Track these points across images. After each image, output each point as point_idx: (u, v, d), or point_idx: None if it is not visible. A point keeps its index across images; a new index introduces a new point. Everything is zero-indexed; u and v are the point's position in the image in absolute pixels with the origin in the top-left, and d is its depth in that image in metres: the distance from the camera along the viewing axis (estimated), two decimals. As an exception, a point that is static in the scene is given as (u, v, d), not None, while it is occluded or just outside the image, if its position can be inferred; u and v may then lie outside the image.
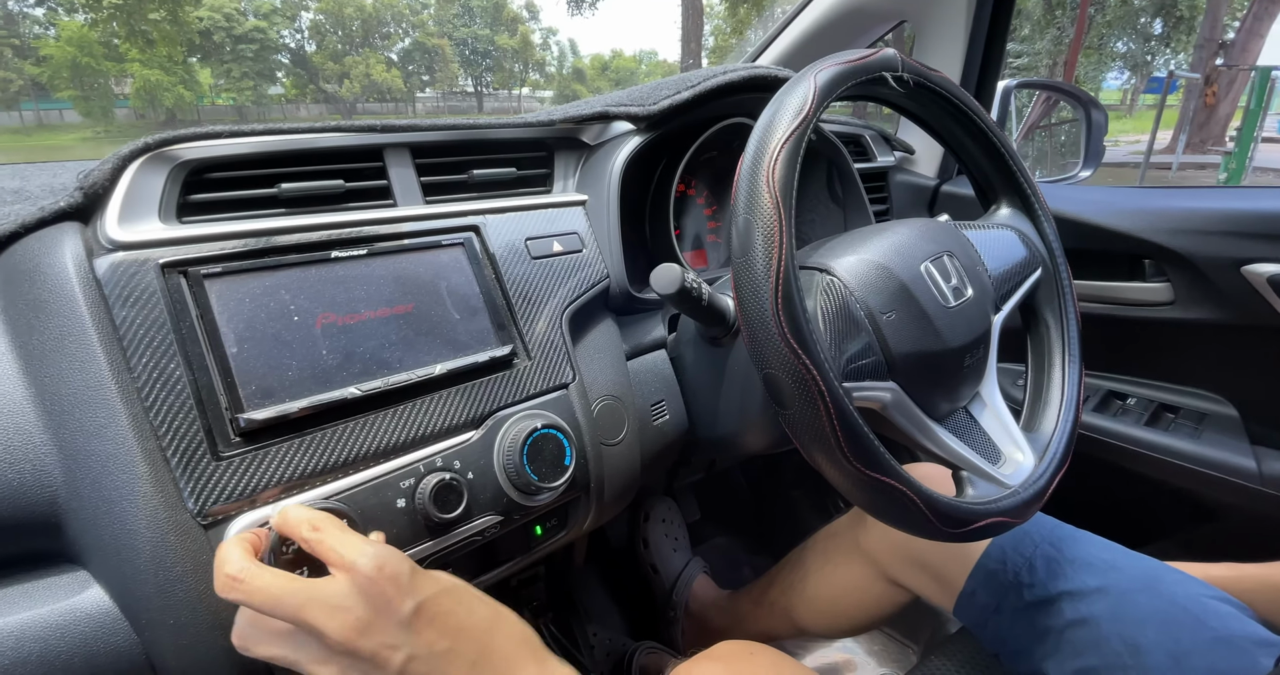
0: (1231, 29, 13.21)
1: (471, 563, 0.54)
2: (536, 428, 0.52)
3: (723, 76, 0.70)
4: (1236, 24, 12.95)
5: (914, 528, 0.46)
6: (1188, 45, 17.54)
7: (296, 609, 0.33)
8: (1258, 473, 0.80)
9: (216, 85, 34.22)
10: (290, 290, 0.48)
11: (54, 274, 0.42)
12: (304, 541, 0.36)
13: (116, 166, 0.46)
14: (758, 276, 0.43)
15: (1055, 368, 0.63)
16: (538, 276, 0.59)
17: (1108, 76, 23.24)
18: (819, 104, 0.47)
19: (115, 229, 0.44)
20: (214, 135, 0.50)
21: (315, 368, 0.46)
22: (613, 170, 0.66)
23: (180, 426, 0.41)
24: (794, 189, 0.44)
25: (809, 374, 0.42)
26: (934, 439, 0.53)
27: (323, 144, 0.54)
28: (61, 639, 0.39)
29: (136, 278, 0.43)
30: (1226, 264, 0.82)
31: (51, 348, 0.41)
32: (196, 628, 0.40)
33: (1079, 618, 0.59)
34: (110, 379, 0.40)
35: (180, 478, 0.41)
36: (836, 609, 0.82)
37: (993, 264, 0.61)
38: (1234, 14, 14.35)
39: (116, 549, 0.40)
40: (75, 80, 28.15)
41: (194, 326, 0.44)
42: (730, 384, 0.61)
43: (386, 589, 0.33)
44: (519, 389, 0.55)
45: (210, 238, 0.46)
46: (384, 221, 0.54)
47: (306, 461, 0.44)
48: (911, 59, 0.55)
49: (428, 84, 45.43)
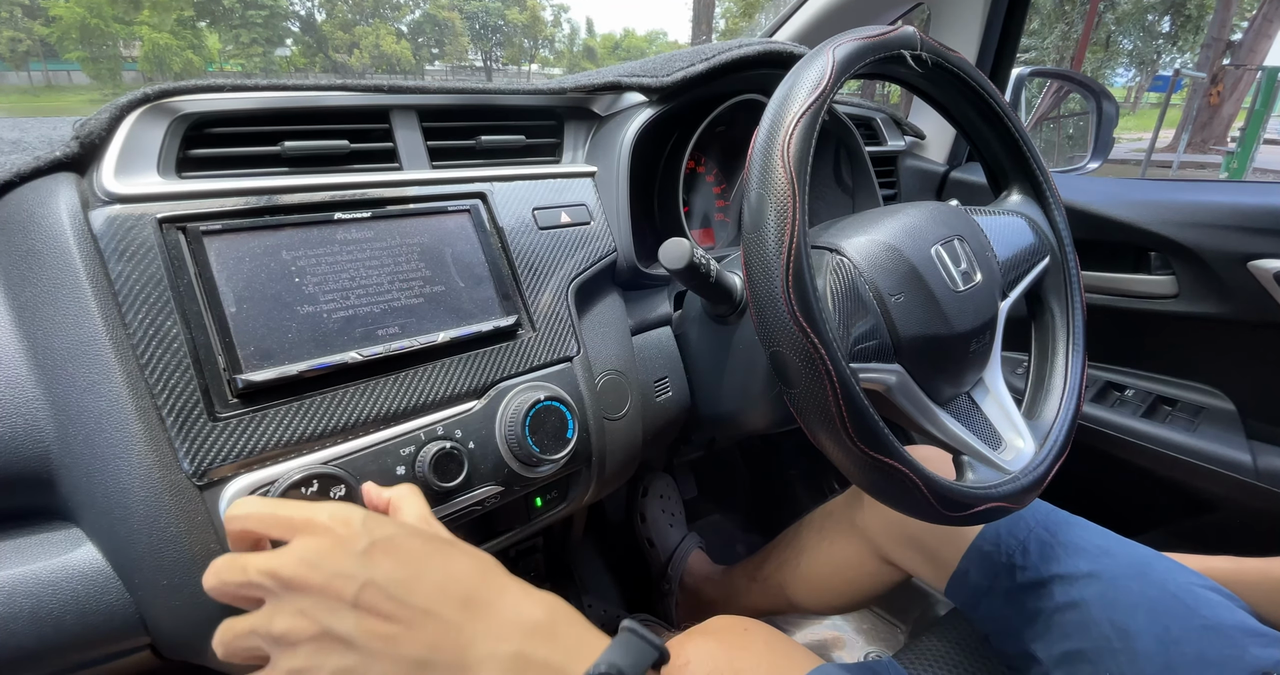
0: (1239, 30, 13.14)
1: (470, 532, 0.54)
2: (539, 399, 0.51)
3: (738, 50, 0.69)
4: (1245, 24, 12.88)
5: (914, 509, 0.46)
6: (1194, 44, 17.46)
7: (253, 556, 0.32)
8: (1253, 467, 0.80)
9: (225, 51, 33.83)
10: (292, 251, 0.46)
11: (48, 224, 0.41)
12: (257, 519, 0.33)
13: (114, 116, 0.44)
14: (769, 253, 0.42)
15: (1059, 356, 0.63)
16: (544, 247, 0.59)
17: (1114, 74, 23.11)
18: (837, 79, 0.46)
19: (112, 181, 0.43)
20: (216, 88, 0.48)
21: (316, 331, 0.46)
22: (623, 142, 0.64)
23: (176, 386, 0.40)
24: (809, 164, 0.43)
25: (817, 353, 0.41)
26: (936, 423, 0.53)
27: (328, 102, 0.53)
28: (53, 596, 0.38)
29: (133, 232, 0.42)
30: (1233, 258, 0.81)
31: (44, 300, 0.40)
32: (191, 589, 0.40)
33: (1069, 601, 0.59)
34: (104, 334, 0.40)
35: (176, 438, 0.40)
36: (830, 586, 0.83)
37: (1002, 250, 0.61)
38: (1243, 14, 14.26)
39: (109, 507, 0.39)
40: (84, 41, 27.88)
41: (192, 284, 0.43)
42: (734, 362, 0.60)
43: (338, 528, 0.31)
44: (523, 360, 0.54)
45: (210, 193, 0.45)
46: (389, 185, 0.53)
47: (305, 425, 0.44)
48: (931, 38, 0.54)
49: (437, 57, 44.93)
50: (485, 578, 0.32)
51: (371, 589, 0.30)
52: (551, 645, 0.30)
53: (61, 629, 0.38)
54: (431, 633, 0.29)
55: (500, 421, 0.51)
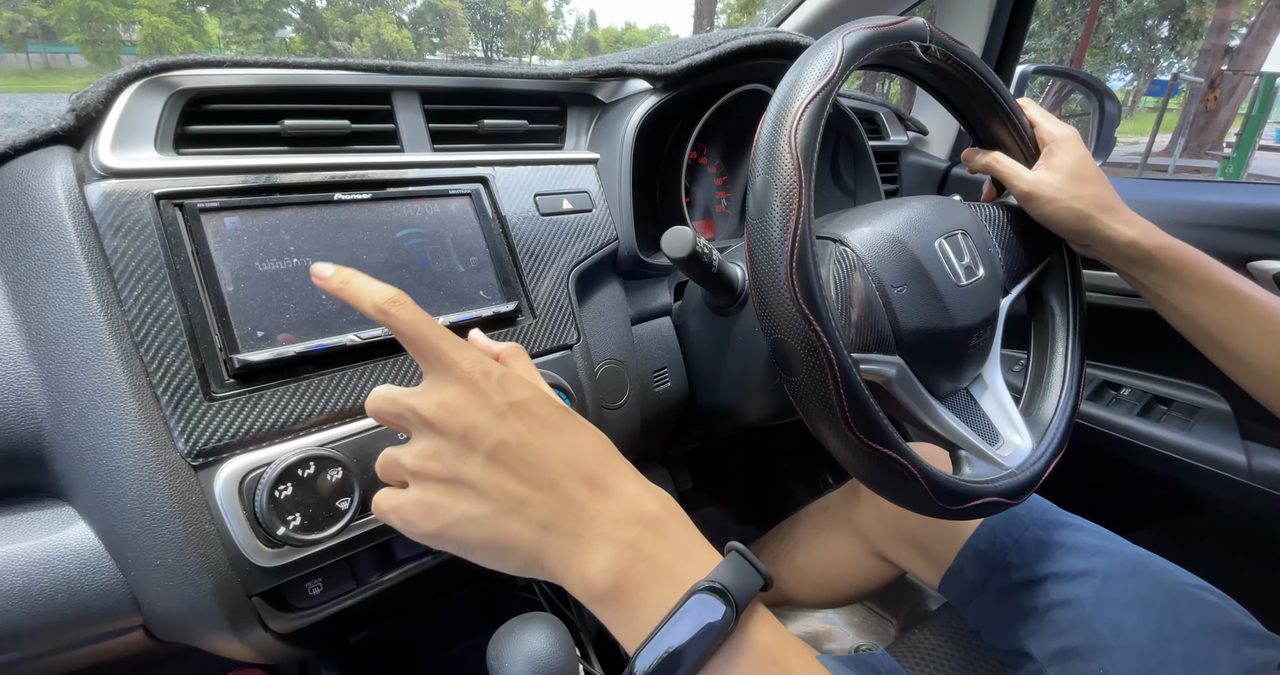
0: (1237, 36, 13.19)
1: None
2: None
3: (744, 39, 0.68)
4: (1243, 31, 12.93)
5: (911, 502, 0.46)
6: (1192, 50, 17.53)
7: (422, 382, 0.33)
8: (1247, 467, 0.81)
9: (224, 36, 33.60)
10: (290, 231, 0.46)
11: (42, 197, 0.40)
12: (409, 324, 0.33)
13: (111, 89, 0.43)
14: (773, 240, 0.42)
15: (1058, 354, 0.63)
16: (546, 234, 0.58)
17: (1111, 77, 23.17)
18: (846, 66, 0.46)
19: (108, 155, 0.42)
20: (216, 64, 0.48)
21: (314, 312, 0.45)
22: (627, 129, 0.64)
23: (172, 364, 0.40)
24: (815, 152, 0.43)
25: (819, 341, 0.41)
26: (934, 416, 0.52)
27: (329, 82, 0.52)
28: (44, 574, 0.38)
29: (130, 207, 0.41)
30: (1233, 259, 0.81)
31: (38, 274, 0.40)
32: (184, 570, 0.39)
33: (1064, 599, 0.60)
34: (99, 310, 0.39)
35: (171, 416, 0.39)
36: (823, 580, 0.84)
37: (1004, 246, 0.61)
38: (1241, 21, 14.32)
39: (102, 486, 0.39)
40: (83, 24, 27.72)
41: (189, 262, 0.42)
42: (734, 353, 0.60)
43: (479, 380, 0.32)
44: (522, 346, 0.54)
45: (208, 170, 0.45)
46: (390, 166, 0.52)
47: (302, 407, 0.43)
48: (940, 30, 0.54)
49: (437, 47, 44.72)
50: (606, 458, 0.33)
51: (504, 448, 0.31)
52: (663, 542, 0.31)
53: (53, 608, 0.38)
54: (557, 502, 0.30)
55: None
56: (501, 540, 0.30)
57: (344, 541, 0.44)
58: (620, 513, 0.31)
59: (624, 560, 0.30)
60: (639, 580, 0.29)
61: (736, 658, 0.29)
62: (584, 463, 0.32)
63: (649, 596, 0.29)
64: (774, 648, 0.30)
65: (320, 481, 0.41)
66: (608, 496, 0.31)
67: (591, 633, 0.84)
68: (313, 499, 0.41)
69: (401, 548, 0.49)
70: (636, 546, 0.30)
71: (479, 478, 0.31)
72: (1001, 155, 0.63)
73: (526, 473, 0.31)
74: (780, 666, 0.29)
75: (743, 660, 0.29)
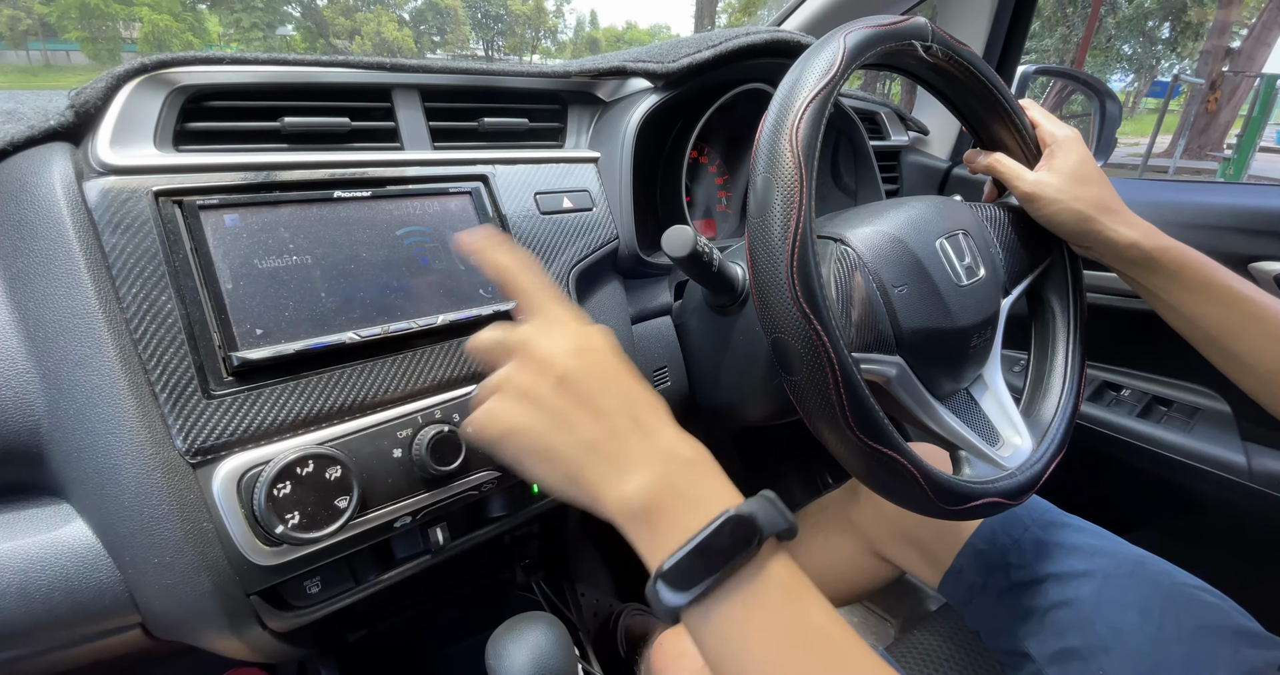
0: (1238, 37, 13.19)
1: (467, 517, 0.53)
2: None
3: (745, 38, 0.68)
4: (1244, 32, 12.93)
5: (911, 502, 0.46)
6: (1193, 51, 17.52)
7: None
8: (1247, 468, 0.80)
9: (225, 34, 33.61)
10: (290, 228, 0.46)
11: (41, 194, 0.40)
12: (508, 269, 0.40)
13: (110, 85, 0.43)
14: (774, 238, 0.41)
15: (1058, 355, 0.63)
16: (546, 233, 0.58)
17: (1112, 78, 23.17)
18: (847, 65, 0.46)
19: (107, 152, 0.42)
20: (215, 60, 0.47)
21: (313, 310, 0.45)
22: (627, 128, 0.64)
23: (170, 362, 0.40)
24: (817, 150, 0.43)
25: (819, 339, 0.41)
26: (934, 417, 0.52)
27: (329, 79, 0.52)
28: (42, 572, 0.38)
29: (128, 204, 0.41)
30: (1233, 261, 0.81)
31: (36, 271, 0.40)
32: (182, 568, 0.39)
33: (1064, 600, 0.59)
34: (97, 307, 0.39)
35: (169, 414, 0.39)
36: (823, 580, 0.83)
37: (1005, 247, 0.61)
38: (1242, 22, 14.32)
39: (100, 484, 0.39)
40: (83, 22, 27.72)
41: (188, 259, 0.42)
42: (734, 353, 0.60)
43: (568, 322, 0.38)
44: None
45: (208, 167, 0.44)
46: (390, 164, 0.52)
47: (301, 405, 0.43)
48: (942, 30, 0.53)
49: (438, 45, 44.72)
50: (653, 408, 0.37)
51: (572, 377, 0.36)
52: (693, 479, 0.35)
53: (50, 606, 0.38)
54: (605, 429, 0.35)
55: None
56: (550, 452, 0.35)
57: (343, 540, 0.44)
58: (657, 449, 0.35)
59: (657, 486, 0.33)
60: (669, 506, 0.33)
61: (754, 582, 0.32)
62: (634, 407, 0.36)
63: (678, 520, 0.33)
64: (790, 581, 0.33)
65: (319, 480, 0.41)
66: (648, 435, 0.35)
67: (591, 632, 0.84)
68: (311, 497, 0.41)
69: (401, 547, 0.49)
70: (668, 478, 0.34)
71: (545, 394, 0.35)
72: (1003, 156, 0.63)
73: (585, 401, 0.35)
74: (794, 599, 0.33)
75: (759, 585, 0.32)
